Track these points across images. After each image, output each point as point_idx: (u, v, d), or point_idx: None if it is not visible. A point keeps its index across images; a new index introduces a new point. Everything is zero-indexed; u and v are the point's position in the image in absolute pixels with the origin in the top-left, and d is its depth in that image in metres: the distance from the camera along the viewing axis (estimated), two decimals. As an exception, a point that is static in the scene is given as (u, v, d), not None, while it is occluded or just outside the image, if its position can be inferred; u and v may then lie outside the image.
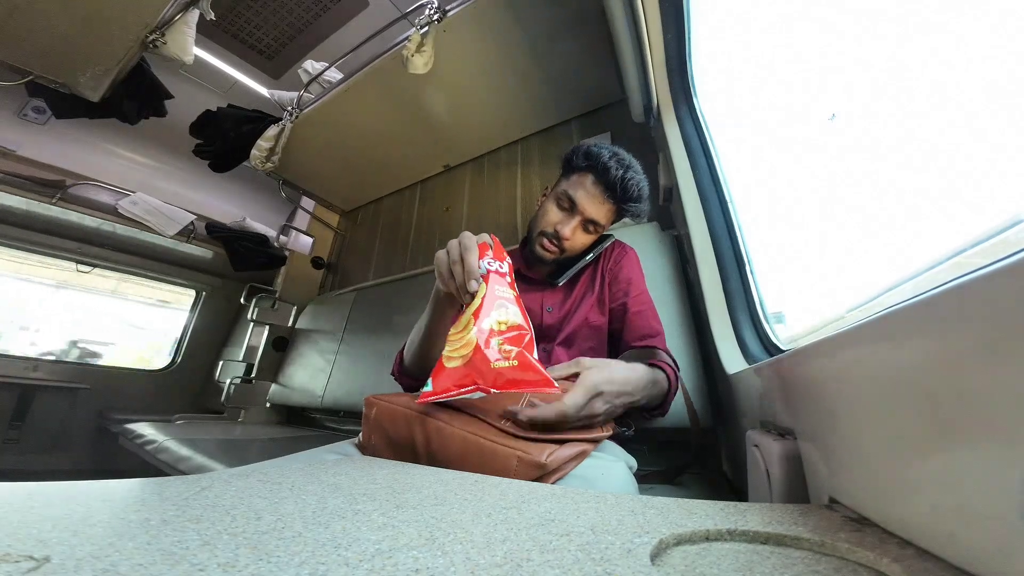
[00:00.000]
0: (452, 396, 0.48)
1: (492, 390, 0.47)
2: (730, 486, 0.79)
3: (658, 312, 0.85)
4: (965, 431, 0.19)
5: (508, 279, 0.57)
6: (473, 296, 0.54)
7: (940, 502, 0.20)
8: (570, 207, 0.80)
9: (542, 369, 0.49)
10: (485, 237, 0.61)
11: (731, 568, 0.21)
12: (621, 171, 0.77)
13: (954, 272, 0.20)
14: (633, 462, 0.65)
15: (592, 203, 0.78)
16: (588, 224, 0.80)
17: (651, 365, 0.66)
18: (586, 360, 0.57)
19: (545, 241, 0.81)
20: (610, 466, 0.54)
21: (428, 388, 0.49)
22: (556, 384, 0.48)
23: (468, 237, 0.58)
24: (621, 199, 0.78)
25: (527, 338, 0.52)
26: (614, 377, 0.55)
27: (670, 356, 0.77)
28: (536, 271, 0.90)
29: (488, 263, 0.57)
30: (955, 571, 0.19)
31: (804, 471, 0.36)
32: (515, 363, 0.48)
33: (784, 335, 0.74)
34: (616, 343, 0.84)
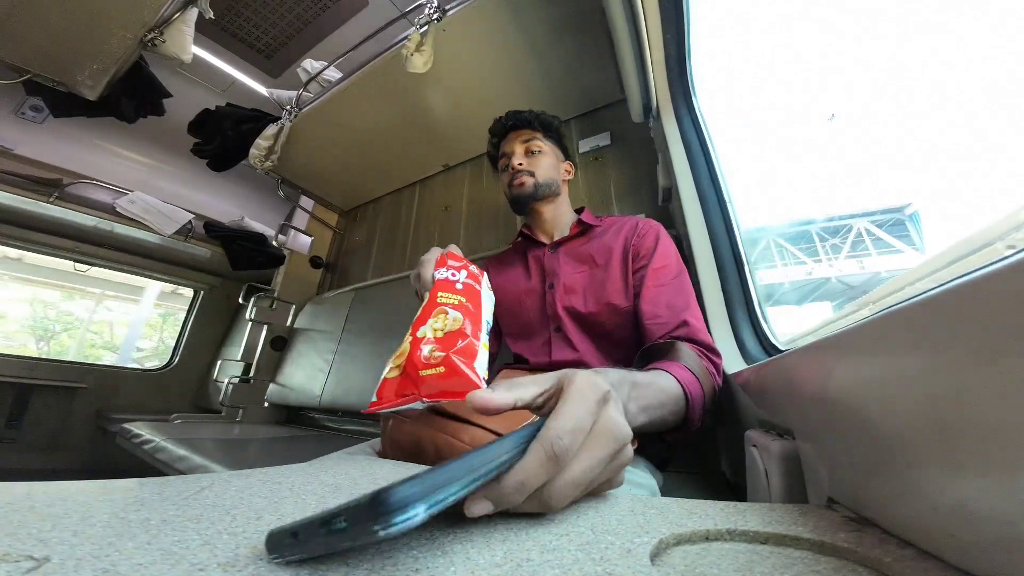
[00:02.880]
0: (396, 407, 0.46)
1: (425, 399, 0.46)
2: (729, 486, 0.79)
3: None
4: (965, 431, 0.19)
5: (459, 285, 0.58)
6: None
7: (940, 502, 0.20)
8: (505, 159, 0.91)
9: (472, 375, 0.46)
10: (453, 248, 0.65)
11: (731, 568, 0.21)
12: (503, 116, 0.95)
13: (954, 272, 0.20)
14: (661, 479, 0.60)
15: (510, 142, 0.92)
16: (528, 150, 0.90)
17: (656, 368, 0.54)
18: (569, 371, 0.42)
19: (513, 183, 0.88)
20: (640, 483, 0.52)
21: (374, 399, 0.48)
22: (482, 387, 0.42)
23: (430, 252, 0.63)
24: (517, 123, 0.92)
25: (463, 343, 0.49)
26: (611, 378, 0.39)
27: (700, 346, 0.62)
28: (539, 231, 0.92)
29: (438, 273, 0.59)
30: (955, 571, 0.19)
31: (803, 471, 0.36)
32: (441, 370, 0.46)
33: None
34: (637, 328, 0.70)
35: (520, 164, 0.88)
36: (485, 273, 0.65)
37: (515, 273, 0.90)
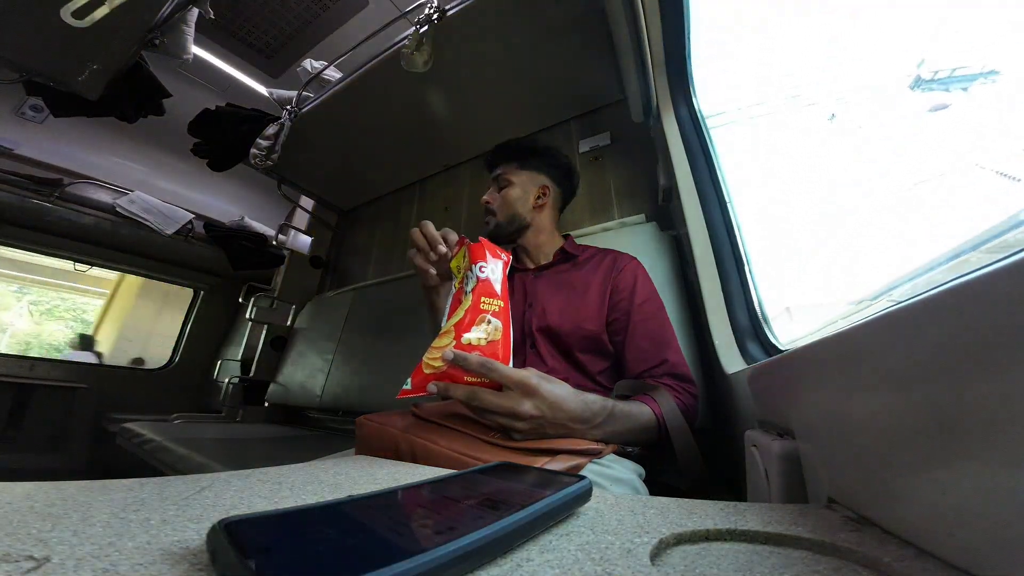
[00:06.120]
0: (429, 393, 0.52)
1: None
2: (729, 486, 0.79)
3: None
4: (964, 431, 0.19)
5: (499, 287, 0.59)
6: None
7: (939, 502, 0.20)
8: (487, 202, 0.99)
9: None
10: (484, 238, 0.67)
11: (731, 568, 0.21)
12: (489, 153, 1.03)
13: (954, 272, 0.20)
14: (642, 470, 0.63)
15: (491, 182, 1.00)
16: (499, 185, 0.97)
17: (634, 398, 0.64)
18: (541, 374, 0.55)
19: (486, 223, 0.97)
20: (620, 477, 0.53)
21: (407, 387, 0.52)
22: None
23: (424, 226, 0.69)
24: (495, 161, 1.01)
25: (501, 352, 0.55)
26: (558, 395, 0.52)
27: (678, 377, 0.72)
28: (525, 257, 0.99)
29: (479, 269, 0.59)
30: (955, 571, 0.19)
31: (803, 471, 0.36)
32: (485, 379, 0.51)
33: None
34: (620, 362, 0.79)
35: (486, 202, 0.98)
36: (511, 255, 0.70)
37: None
